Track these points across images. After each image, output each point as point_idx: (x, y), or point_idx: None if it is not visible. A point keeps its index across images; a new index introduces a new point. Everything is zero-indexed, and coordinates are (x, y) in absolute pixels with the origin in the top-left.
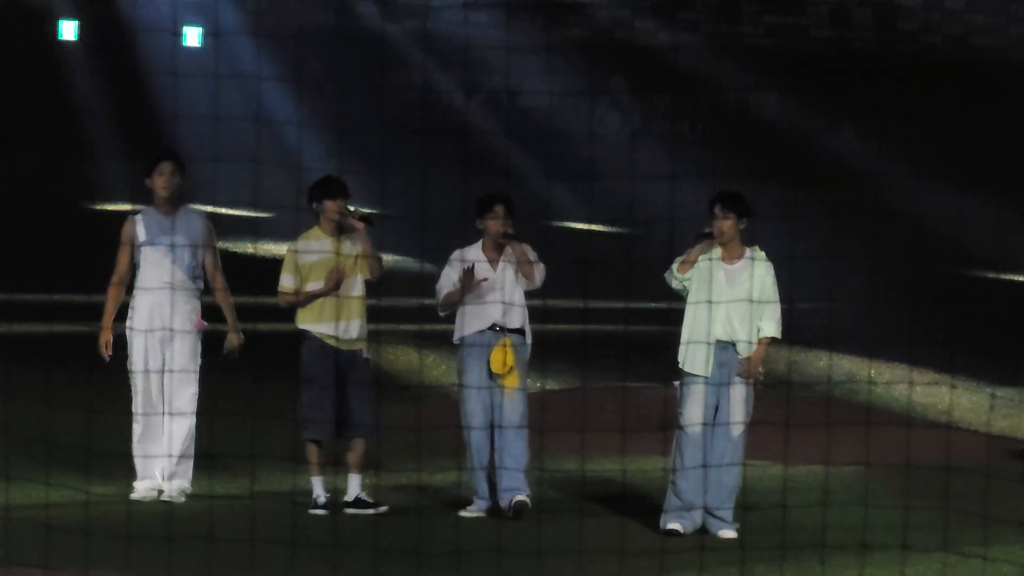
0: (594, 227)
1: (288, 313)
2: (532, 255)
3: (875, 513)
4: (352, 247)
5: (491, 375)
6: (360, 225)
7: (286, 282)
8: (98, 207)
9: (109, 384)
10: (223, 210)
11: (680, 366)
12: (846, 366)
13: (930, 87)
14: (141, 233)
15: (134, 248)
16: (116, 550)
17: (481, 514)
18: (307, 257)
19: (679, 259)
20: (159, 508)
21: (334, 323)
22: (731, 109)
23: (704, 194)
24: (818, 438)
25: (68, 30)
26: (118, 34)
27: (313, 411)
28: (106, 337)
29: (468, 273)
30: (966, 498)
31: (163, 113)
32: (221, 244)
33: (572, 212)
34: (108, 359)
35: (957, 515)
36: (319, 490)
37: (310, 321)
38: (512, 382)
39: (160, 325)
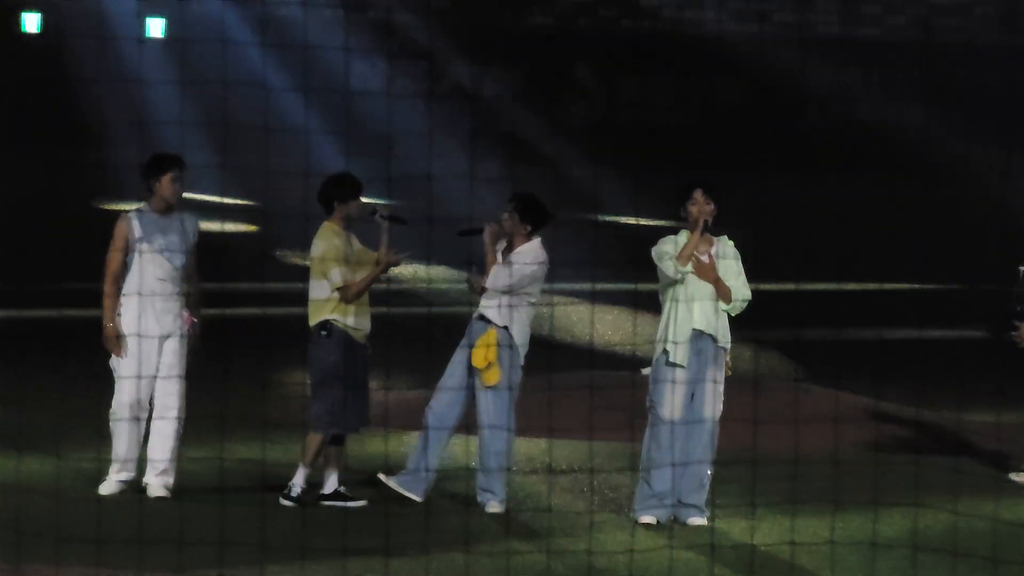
0: None
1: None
2: (524, 258)
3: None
4: (358, 243)
5: (471, 370)
6: (384, 222)
7: (338, 277)
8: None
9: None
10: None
11: (657, 356)
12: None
13: None
14: (137, 231)
15: (129, 247)
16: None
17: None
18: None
19: (664, 249)
20: (129, 502)
21: (355, 316)
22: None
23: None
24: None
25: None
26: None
27: (340, 406)
28: (115, 332)
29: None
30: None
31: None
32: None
33: None
34: (126, 355)
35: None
36: (300, 480)
37: (338, 314)
38: (489, 379)
39: (153, 327)
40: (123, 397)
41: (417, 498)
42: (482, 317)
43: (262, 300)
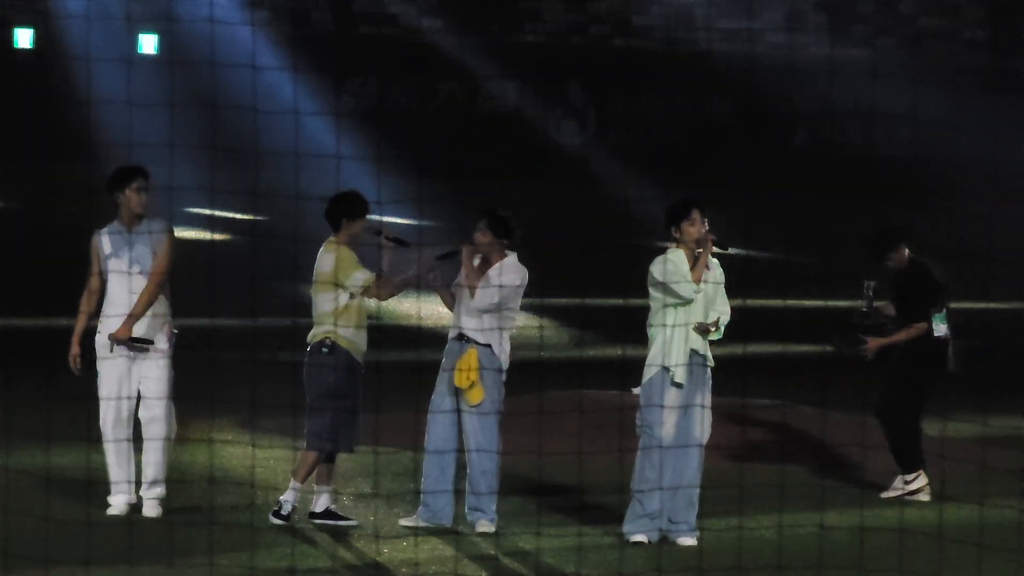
0: None
1: None
2: (505, 279)
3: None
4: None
5: (456, 390)
6: (388, 244)
7: (363, 275)
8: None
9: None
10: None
11: (649, 377)
12: None
13: None
14: (106, 247)
15: (101, 263)
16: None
17: (424, 524)
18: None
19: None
20: (119, 520)
21: (354, 331)
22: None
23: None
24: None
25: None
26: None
27: (342, 426)
28: (74, 351)
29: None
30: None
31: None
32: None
33: None
34: (78, 372)
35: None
36: (291, 498)
37: (351, 333)
38: (473, 398)
39: (127, 349)
40: (106, 415)
41: (447, 524)
42: (461, 337)
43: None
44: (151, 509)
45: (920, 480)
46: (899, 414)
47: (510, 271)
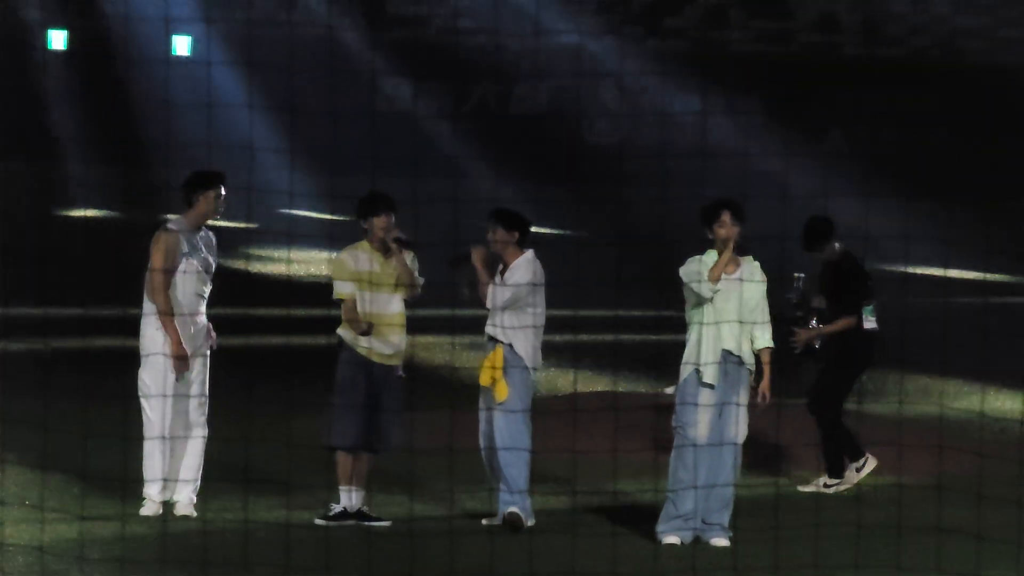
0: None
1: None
2: (515, 277)
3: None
4: (396, 264)
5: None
6: (397, 248)
7: (345, 288)
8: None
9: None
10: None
11: (685, 377)
12: None
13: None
14: (185, 246)
15: (176, 259)
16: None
17: (497, 522)
18: (353, 266)
19: (692, 269)
20: (155, 523)
21: (373, 338)
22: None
23: None
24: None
25: (57, 40)
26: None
27: (341, 420)
28: (184, 354)
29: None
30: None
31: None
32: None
33: None
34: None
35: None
36: (345, 500)
37: (343, 330)
38: (498, 395)
39: (189, 345)
40: (154, 416)
41: (530, 522)
42: (490, 338)
43: None
44: (184, 508)
45: (870, 463)
46: (832, 406)
47: (521, 268)
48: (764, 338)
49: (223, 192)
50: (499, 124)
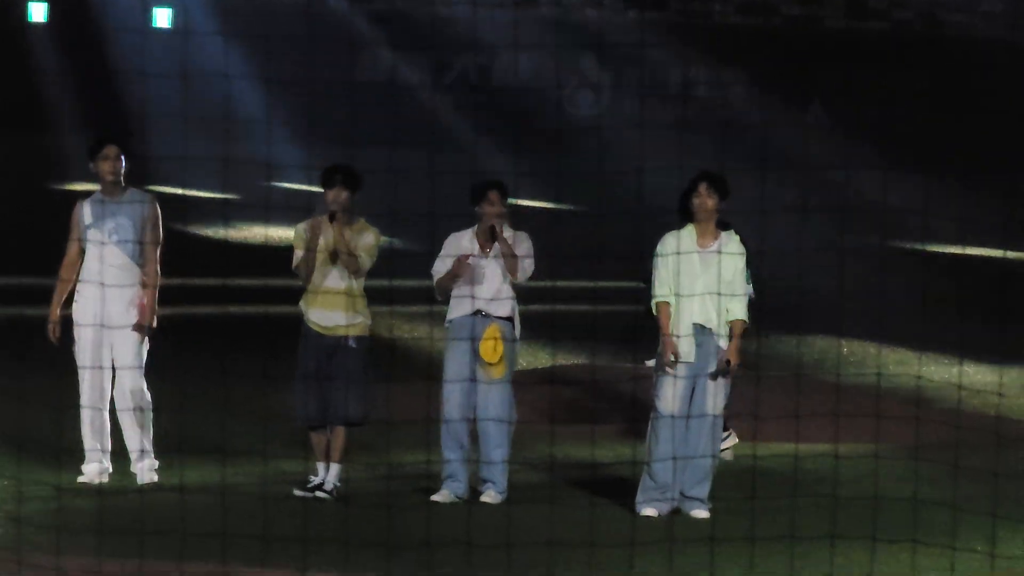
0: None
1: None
2: (523, 248)
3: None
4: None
5: (478, 362)
6: (339, 220)
7: (297, 257)
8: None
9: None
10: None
11: (660, 349)
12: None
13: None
14: (87, 217)
15: (81, 233)
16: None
17: (454, 499)
18: (306, 235)
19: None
20: (131, 495)
21: (316, 309)
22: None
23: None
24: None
25: (38, 12)
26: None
27: (299, 395)
28: (53, 319)
29: (458, 260)
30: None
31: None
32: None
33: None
34: (57, 343)
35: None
36: (322, 474)
37: (304, 308)
38: (497, 373)
39: (103, 316)
40: (83, 387)
41: (500, 497)
42: (478, 312)
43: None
44: (145, 476)
45: (731, 439)
46: None
47: (523, 239)
48: (737, 310)
49: (111, 156)
50: (480, 96)
